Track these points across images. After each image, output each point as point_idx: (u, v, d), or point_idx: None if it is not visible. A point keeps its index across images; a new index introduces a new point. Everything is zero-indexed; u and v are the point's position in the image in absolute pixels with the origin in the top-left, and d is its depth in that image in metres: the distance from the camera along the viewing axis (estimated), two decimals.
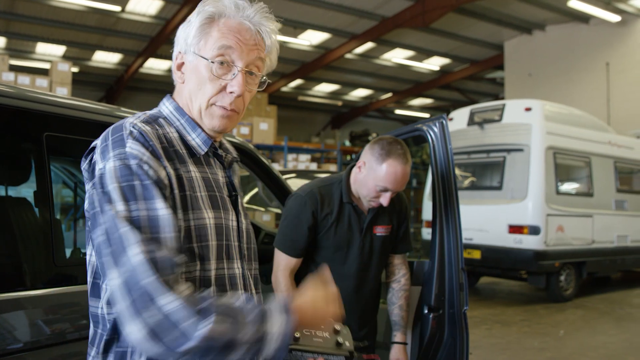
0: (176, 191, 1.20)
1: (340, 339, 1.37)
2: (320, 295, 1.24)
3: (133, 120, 1.24)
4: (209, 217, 1.25)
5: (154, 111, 1.34)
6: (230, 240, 1.32)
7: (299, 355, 1.34)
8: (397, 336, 2.52)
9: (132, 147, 1.16)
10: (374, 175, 2.30)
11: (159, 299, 1.03)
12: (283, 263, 2.41)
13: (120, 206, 1.10)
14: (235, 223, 1.35)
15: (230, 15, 1.28)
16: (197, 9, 1.31)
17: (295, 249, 2.41)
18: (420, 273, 2.72)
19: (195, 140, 1.30)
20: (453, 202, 2.61)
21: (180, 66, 1.33)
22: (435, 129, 2.66)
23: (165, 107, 1.34)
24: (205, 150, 1.31)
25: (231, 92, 1.26)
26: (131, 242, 1.07)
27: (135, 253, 1.06)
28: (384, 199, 2.33)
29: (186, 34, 1.30)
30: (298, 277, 2.42)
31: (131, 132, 1.18)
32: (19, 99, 1.93)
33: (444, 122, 2.65)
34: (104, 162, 1.17)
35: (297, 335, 1.31)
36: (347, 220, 2.44)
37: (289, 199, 2.51)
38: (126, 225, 1.08)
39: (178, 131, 1.30)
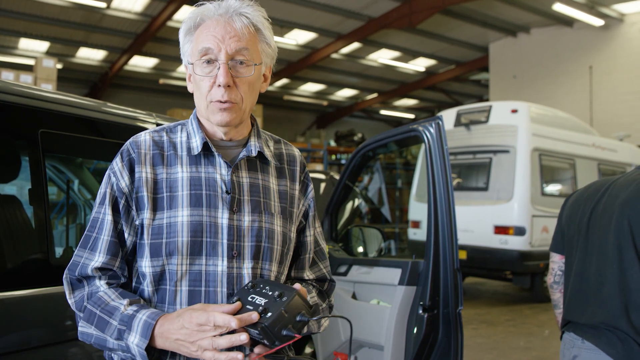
0: (147, 193, 1.33)
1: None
2: (192, 322, 1.17)
3: (146, 131, 1.44)
4: (183, 214, 1.32)
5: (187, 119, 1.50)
6: (214, 238, 1.32)
7: None
8: None
9: (116, 159, 1.38)
10: None
11: (67, 295, 1.35)
12: None
13: (94, 207, 1.37)
14: (225, 220, 1.34)
15: (208, 17, 1.35)
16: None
17: None
18: (415, 273, 2.73)
19: (196, 141, 1.39)
20: (449, 203, 2.62)
21: (189, 77, 1.42)
22: (432, 130, 2.67)
23: (192, 113, 1.48)
24: (199, 150, 1.37)
25: (219, 85, 1.32)
26: (80, 245, 1.36)
27: (75, 254, 1.35)
28: None
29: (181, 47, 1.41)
30: None
31: (125, 145, 1.39)
32: (13, 95, 1.89)
33: (441, 122, 2.65)
34: None
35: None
36: None
37: None
38: (87, 229, 1.36)
39: (188, 134, 1.42)
